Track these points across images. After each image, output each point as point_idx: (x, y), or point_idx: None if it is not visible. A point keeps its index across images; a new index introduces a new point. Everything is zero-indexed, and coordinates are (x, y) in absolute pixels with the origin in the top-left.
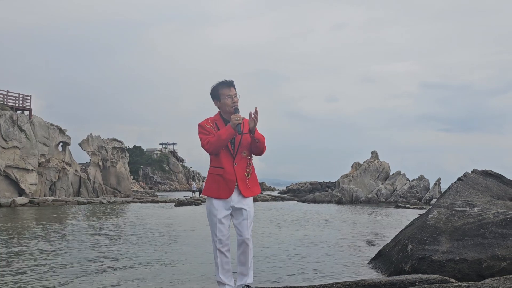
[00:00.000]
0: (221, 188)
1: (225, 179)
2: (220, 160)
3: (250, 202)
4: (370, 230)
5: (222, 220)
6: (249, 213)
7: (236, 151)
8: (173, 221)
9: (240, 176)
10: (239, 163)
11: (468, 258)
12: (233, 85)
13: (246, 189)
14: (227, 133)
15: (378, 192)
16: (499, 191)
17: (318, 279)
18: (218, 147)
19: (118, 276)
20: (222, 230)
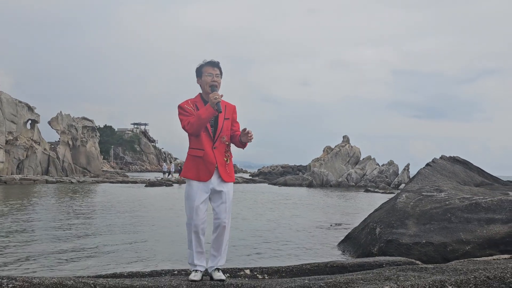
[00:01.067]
0: (201, 170)
1: (205, 161)
2: (200, 142)
3: (230, 187)
4: (339, 213)
5: (200, 205)
6: (228, 197)
7: (217, 135)
8: (144, 201)
9: (220, 160)
10: (218, 148)
11: (434, 242)
12: (218, 66)
13: (226, 174)
14: (206, 112)
15: (348, 176)
16: (466, 177)
17: (288, 261)
18: (199, 127)
19: (87, 255)
20: (199, 214)
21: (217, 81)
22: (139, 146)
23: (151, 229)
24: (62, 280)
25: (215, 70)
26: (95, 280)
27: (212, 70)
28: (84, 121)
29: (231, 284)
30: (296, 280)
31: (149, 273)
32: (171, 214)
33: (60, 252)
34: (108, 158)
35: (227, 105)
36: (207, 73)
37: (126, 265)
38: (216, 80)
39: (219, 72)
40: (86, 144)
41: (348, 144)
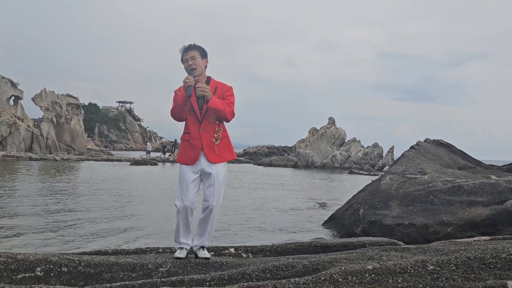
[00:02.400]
0: (187, 153)
1: (191, 144)
2: (187, 126)
3: (220, 168)
4: (324, 194)
5: (189, 185)
6: (216, 179)
7: (203, 115)
8: (129, 180)
9: (207, 142)
10: (206, 129)
11: (416, 223)
12: (190, 48)
13: (214, 155)
14: (181, 97)
15: (333, 157)
16: (449, 160)
17: (273, 240)
18: (177, 113)
19: (72, 231)
20: (188, 194)
21: (194, 63)
22: (124, 125)
23: (135, 207)
24: (47, 257)
25: (188, 54)
26: (80, 257)
27: (186, 55)
28: (69, 98)
29: (216, 262)
30: (281, 259)
31: (133, 251)
32: (156, 192)
33: (44, 229)
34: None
35: (219, 86)
36: (183, 60)
37: (110, 242)
38: (192, 63)
39: (194, 54)
40: (70, 121)
41: (334, 125)
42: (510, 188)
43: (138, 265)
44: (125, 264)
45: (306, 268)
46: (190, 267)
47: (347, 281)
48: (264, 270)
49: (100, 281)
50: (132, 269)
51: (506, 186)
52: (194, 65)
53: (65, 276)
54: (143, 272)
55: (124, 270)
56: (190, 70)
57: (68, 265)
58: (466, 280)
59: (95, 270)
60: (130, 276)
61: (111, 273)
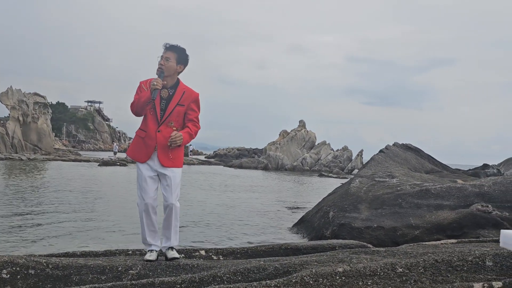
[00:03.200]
0: (140, 151)
1: (145, 143)
2: (146, 123)
3: (175, 172)
4: (294, 196)
5: (147, 180)
6: (172, 179)
7: (164, 119)
8: (97, 180)
9: (161, 144)
10: (163, 131)
11: (384, 226)
12: (170, 49)
13: (167, 159)
14: (145, 96)
15: (303, 160)
16: (417, 164)
17: (243, 242)
18: (138, 109)
19: (39, 233)
20: (146, 190)
21: (164, 64)
22: (92, 125)
23: (103, 208)
24: (13, 259)
25: (166, 54)
26: (47, 259)
27: (164, 53)
28: (36, 97)
29: (187, 265)
30: (252, 261)
31: (103, 253)
32: (125, 193)
33: (10, 231)
34: (60, 135)
35: (187, 91)
36: (160, 56)
37: (78, 244)
38: (163, 63)
39: (170, 56)
40: (37, 120)
41: (304, 128)
42: (476, 192)
43: (107, 268)
44: (94, 267)
45: (277, 271)
46: (161, 270)
47: (318, 283)
48: (235, 273)
49: (68, 284)
50: (101, 271)
51: (471, 190)
52: (163, 67)
53: (32, 279)
54: (112, 274)
55: (93, 273)
56: (161, 74)
57: (36, 268)
58: (434, 282)
59: (64, 272)
60: (100, 279)
61: (80, 276)
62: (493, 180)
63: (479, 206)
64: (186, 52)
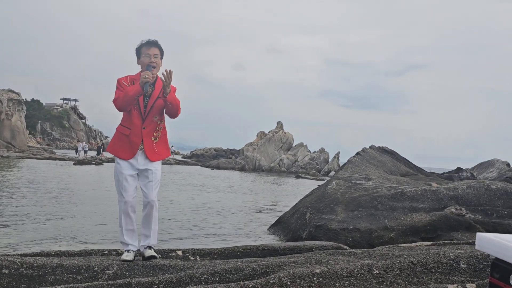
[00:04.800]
0: (125, 148)
1: (130, 140)
2: (130, 120)
3: (157, 165)
4: (270, 197)
5: (128, 178)
6: (155, 175)
7: (147, 114)
8: (72, 179)
9: (147, 140)
10: (148, 127)
11: (360, 228)
12: (156, 46)
13: (153, 153)
14: (134, 90)
15: (280, 161)
16: (393, 167)
17: (220, 243)
18: (125, 104)
19: (12, 232)
20: (127, 189)
21: (155, 62)
22: (68, 123)
23: (78, 208)
24: None
25: (153, 50)
26: (21, 258)
27: (149, 50)
28: (10, 94)
29: (164, 265)
30: (229, 262)
31: (78, 252)
32: (101, 192)
33: None
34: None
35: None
36: (144, 54)
37: (52, 243)
38: (154, 61)
39: (157, 52)
40: (11, 117)
41: (282, 130)
42: (450, 195)
43: (83, 267)
44: (69, 266)
45: (255, 272)
46: (138, 270)
47: (295, 284)
48: (213, 273)
49: (43, 284)
50: (77, 271)
51: (446, 193)
52: (156, 64)
53: (6, 278)
54: (88, 274)
55: (68, 273)
56: (149, 67)
57: (9, 267)
58: (409, 284)
59: (38, 272)
60: (75, 279)
61: (55, 276)
62: (466, 183)
63: (453, 209)
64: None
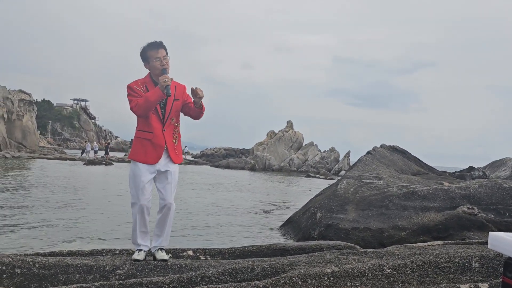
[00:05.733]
0: (149, 153)
1: (153, 144)
2: (149, 124)
3: (176, 167)
4: (281, 197)
5: (146, 184)
6: (173, 177)
7: (167, 117)
8: (83, 179)
9: (169, 142)
10: (168, 129)
11: (371, 227)
12: (162, 47)
13: (175, 155)
14: (155, 95)
15: (290, 161)
16: (404, 166)
17: (230, 243)
18: (147, 110)
19: (24, 232)
20: (144, 193)
21: (166, 63)
22: (78, 123)
23: (89, 207)
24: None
25: (160, 52)
26: (34, 258)
27: (157, 53)
28: (21, 94)
29: (175, 265)
30: (240, 261)
31: (89, 252)
32: (110, 193)
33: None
34: (45, 133)
35: (177, 86)
36: (154, 58)
37: (64, 243)
38: (165, 63)
39: (165, 53)
40: (22, 118)
41: (292, 129)
42: (462, 195)
43: (94, 267)
44: (81, 266)
45: (265, 271)
46: (149, 269)
47: (306, 284)
48: (223, 273)
49: (55, 283)
50: (88, 270)
51: (457, 192)
52: (167, 65)
53: (18, 278)
54: (100, 274)
55: (80, 272)
56: (163, 69)
57: (22, 267)
58: (421, 283)
59: (50, 271)
60: (87, 278)
61: (66, 275)
62: (478, 182)
63: (465, 208)
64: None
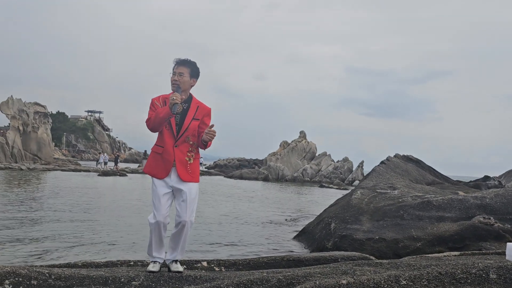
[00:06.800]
0: (158, 167)
1: (163, 158)
2: (162, 139)
3: (192, 186)
4: (294, 207)
5: (161, 198)
6: (188, 195)
7: (181, 134)
8: (97, 190)
9: (179, 158)
10: (180, 146)
11: (386, 238)
12: (183, 64)
13: (186, 173)
14: (164, 111)
15: (303, 171)
16: (418, 176)
17: (244, 253)
18: (156, 125)
19: (39, 243)
20: (159, 208)
21: (179, 80)
22: (92, 134)
23: (104, 219)
24: (16, 269)
25: (178, 69)
26: (49, 269)
27: (177, 69)
28: (36, 107)
29: (189, 276)
30: (255, 273)
31: (104, 263)
32: (124, 204)
33: (11, 241)
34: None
35: (200, 106)
36: (172, 72)
37: (79, 254)
38: (178, 79)
39: (184, 71)
40: (37, 130)
41: (305, 139)
42: (477, 204)
43: (110, 278)
44: (96, 277)
45: (280, 283)
46: (164, 281)
47: None
48: (238, 284)
49: None
50: (104, 282)
51: (473, 202)
52: (178, 82)
53: None
54: (115, 285)
55: (96, 283)
56: (174, 86)
57: (38, 278)
58: None
59: (66, 283)
60: None
61: (82, 287)
62: (494, 192)
63: (481, 218)
64: (197, 65)
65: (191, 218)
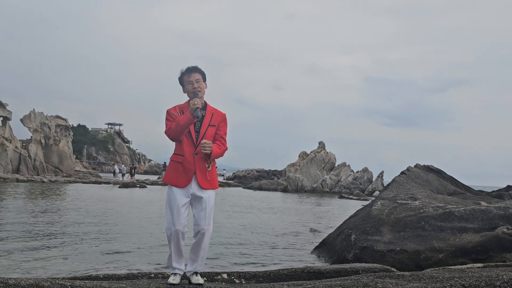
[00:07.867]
0: (179, 176)
1: (184, 167)
2: (182, 148)
3: (210, 194)
4: (314, 218)
5: (181, 207)
6: (208, 203)
7: (199, 141)
8: (118, 202)
9: (200, 167)
10: (200, 153)
11: (408, 249)
12: (196, 71)
13: (205, 181)
14: (185, 118)
15: (323, 182)
16: (439, 186)
17: (265, 265)
18: (178, 133)
19: (60, 255)
20: (179, 218)
21: (199, 86)
22: (112, 147)
23: (124, 230)
24: (39, 282)
25: (193, 76)
26: (72, 282)
27: (189, 77)
28: (58, 120)
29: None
30: (275, 285)
31: (125, 276)
32: (144, 215)
33: (32, 252)
34: (80, 158)
35: (215, 113)
36: (186, 82)
37: (100, 266)
38: (197, 86)
39: (199, 77)
40: (58, 143)
41: (324, 150)
42: (501, 215)
43: None
44: None
45: None
46: None
47: None
48: None
49: None
50: None
51: (496, 212)
52: (199, 88)
53: None
54: None
55: None
56: (195, 93)
57: None
58: None
59: None
60: None
61: None
62: None
63: (505, 229)
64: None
65: (209, 226)
